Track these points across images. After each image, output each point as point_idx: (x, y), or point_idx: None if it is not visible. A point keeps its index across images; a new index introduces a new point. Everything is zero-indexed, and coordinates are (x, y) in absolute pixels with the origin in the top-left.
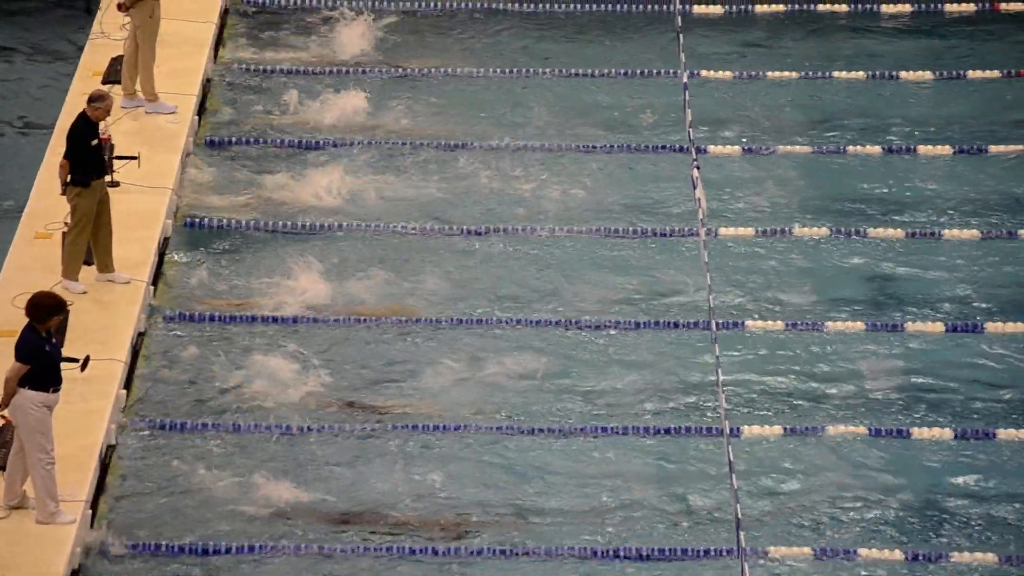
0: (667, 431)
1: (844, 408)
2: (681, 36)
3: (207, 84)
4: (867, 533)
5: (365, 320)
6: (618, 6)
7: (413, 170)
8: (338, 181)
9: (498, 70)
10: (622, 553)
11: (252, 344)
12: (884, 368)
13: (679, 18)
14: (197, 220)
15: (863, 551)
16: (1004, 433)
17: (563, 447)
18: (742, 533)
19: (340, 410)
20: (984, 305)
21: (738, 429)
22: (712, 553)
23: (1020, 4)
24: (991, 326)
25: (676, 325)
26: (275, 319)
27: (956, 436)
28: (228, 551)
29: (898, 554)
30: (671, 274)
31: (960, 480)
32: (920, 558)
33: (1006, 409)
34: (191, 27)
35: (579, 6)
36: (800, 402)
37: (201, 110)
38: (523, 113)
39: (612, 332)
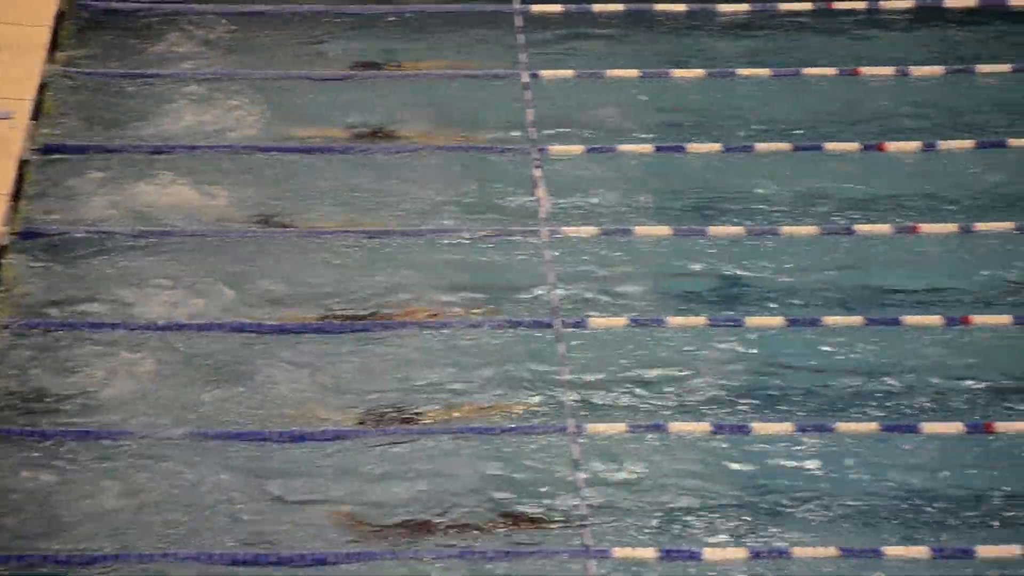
0: (511, 430)
1: (687, 404)
2: (521, 35)
3: (43, 88)
4: (711, 531)
5: (206, 324)
6: (456, 5)
7: (253, 175)
8: (178, 186)
9: (337, 71)
10: (464, 555)
11: (92, 351)
12: (726, 363)
13: (519, 17)
14: (34, 227)
15: (707, 550)
16: (843, 426)
17: (406, 448)
18: (587, 532)
19: (180, 415)
20: (823, 299)
21: (583, 426)
22: (557, 553)
23: (854, 2)
24: (829, 320)
25: (519, 324)
26: (115, 325)
27: (797, 430)
28: (69, 561)
29: (742, 552)
30: (514, 273)
31: (801, 473)
32: (763, 555)
33: (845, 401)
34: (25, 30)
35: (418, 5)
36: (644, 398)
37: (37, 115)
38: (363, 113)
39: (454, 331)
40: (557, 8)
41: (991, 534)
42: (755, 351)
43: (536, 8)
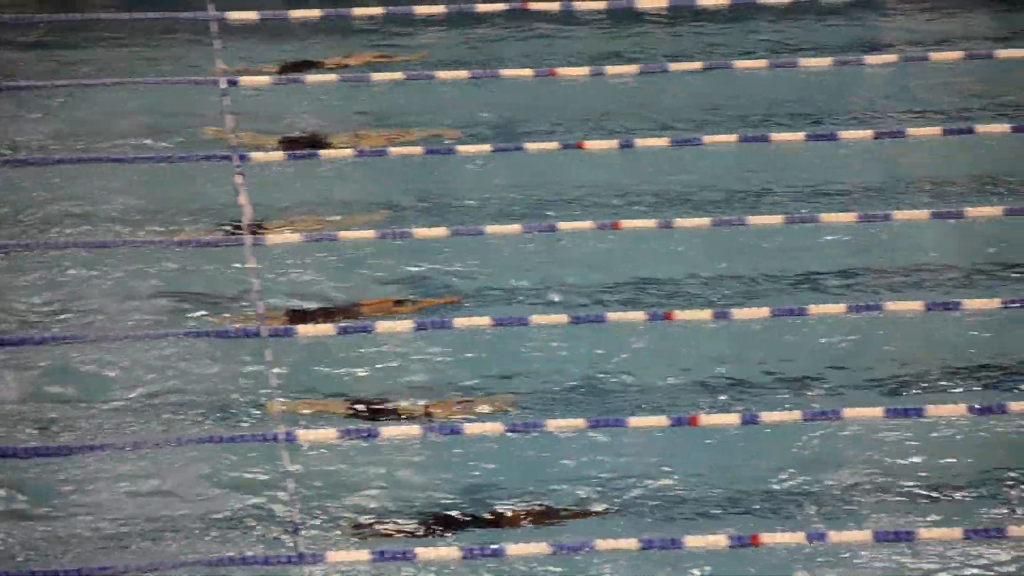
0: (222, 440)
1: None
2: (218, 41)
3: None
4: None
5: None
6: (151, 12)
7: None
8: None
9: (33, 81)
10: (176, 565)
11: None
12: (436, 364)
13: (215, 24)
14: None
15: (419, 550)
16: (553, 423)
17: (110, 460)
18: (300, 538)
19: None
20: (530, 298)
21: (293, 434)
22: (271, 560)
23: (549, 3)
24: (539, 318)
25: (227, 334)
26: None
27: (507, 429)
28: None
29: (456, 551)
30: (217, 280)
31: (513, 470)
32: (477, 554)
33: (555, 399)
34: None
35: (111, 13)
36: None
37: None
38: (61, 122)
39: (162, 342)
40: (253, 16)
41: (698, 525)
42: (465, 352)
43: (232, 15)
